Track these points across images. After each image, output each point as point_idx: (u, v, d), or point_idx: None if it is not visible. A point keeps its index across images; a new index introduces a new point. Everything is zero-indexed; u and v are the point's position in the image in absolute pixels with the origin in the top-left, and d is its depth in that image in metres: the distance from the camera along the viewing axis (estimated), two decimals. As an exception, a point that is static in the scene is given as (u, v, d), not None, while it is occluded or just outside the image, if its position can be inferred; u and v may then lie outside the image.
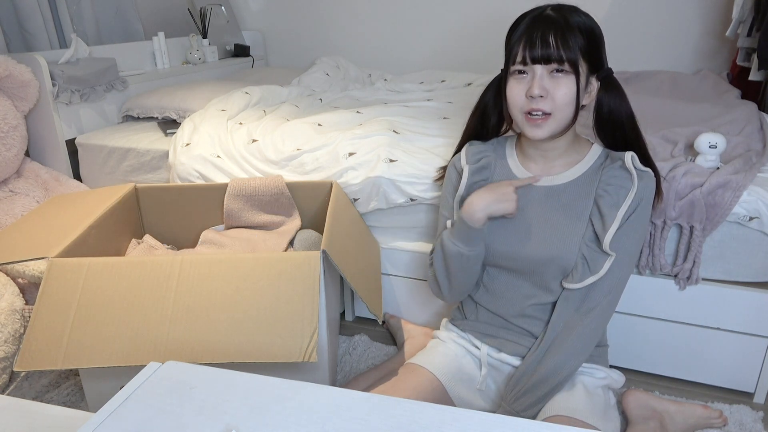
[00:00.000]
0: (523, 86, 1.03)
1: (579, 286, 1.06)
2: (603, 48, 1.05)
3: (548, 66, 1.00)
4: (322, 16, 2.97)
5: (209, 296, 1.10)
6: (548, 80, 1.01)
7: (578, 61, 1.00)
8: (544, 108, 1.01)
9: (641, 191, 1.04)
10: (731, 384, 1.34)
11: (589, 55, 1.02)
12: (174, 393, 0.66)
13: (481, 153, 1.18)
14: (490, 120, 1.18)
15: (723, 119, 1.58)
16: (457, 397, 1.14)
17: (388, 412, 0.62)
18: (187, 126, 1.78)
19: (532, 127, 1.04)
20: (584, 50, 1.00)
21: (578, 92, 1.01)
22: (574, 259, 1.07)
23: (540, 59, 1.00)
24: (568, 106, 1.02)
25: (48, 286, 1.11)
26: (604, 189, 1.06)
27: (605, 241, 1.04)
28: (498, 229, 1.13)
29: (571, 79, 1.00)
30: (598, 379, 1.11)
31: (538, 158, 1.13)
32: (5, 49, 2.08)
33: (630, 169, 1.05)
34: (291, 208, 1.56)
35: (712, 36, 2.35)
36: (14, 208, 1.73)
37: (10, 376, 1.40)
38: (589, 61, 1.02)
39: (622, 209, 1.04)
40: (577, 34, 0.99)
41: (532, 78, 1.02)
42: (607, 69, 1.07)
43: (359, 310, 1.70)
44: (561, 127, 1.04)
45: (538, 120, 1.03)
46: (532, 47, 1.00)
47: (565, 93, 1.01)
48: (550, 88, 1.01)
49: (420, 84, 2.35)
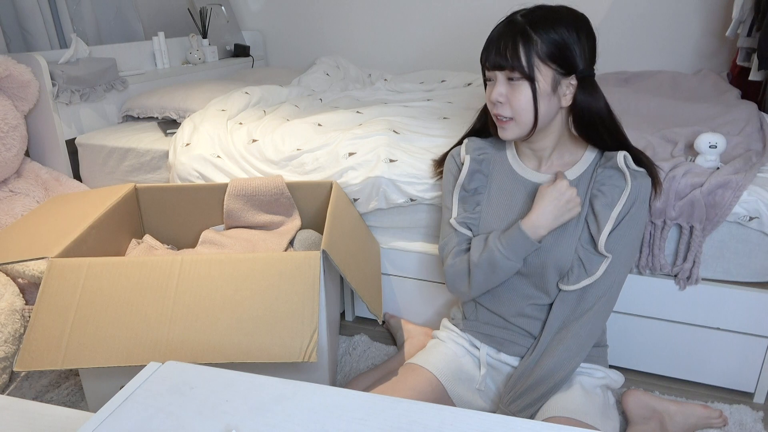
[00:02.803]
0: (489, 91, 1.07)
1: (574, 287, 1.06)
2: (578, 50, 1.01)
3: (504, 73, 1.03)
4: (322, 16, 2.97)
5: (209, 296, 1.10)
6: (507, 86, 1.04)
7: (533, 68, 1.00)
8: (504, 113, 1.05)
9: (635, 190, 1.04)
10: (731, 384, 1.34)
11: (556, 59, 1.00)
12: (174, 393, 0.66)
13: (481, 149, 1.19)
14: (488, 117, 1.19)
15: (723, 119, 1.58)
16: (456, 397, 1.15)
17: (388, 412, 0.62)
18: (187, 126, 1.78)
19: (500, 128, 1.09)
20: (547, 55, 1.00)
21: (535, 98, 1.02)
22: (570, 261, 1.07)
23: (496, 66, 1.03)
24: (527, 112, 1.04)
25: (48, 286, 1.11)
26: (599, 189, 1.06)
27: (600, 242, 1.04)
28: (500, 225, 1.14)
29: (526, 86, 1.02)
30: (597, 379, 1.11)
31: (530, 156, 1.15)
32: (5, 49, 2.08)
33: (623, 168, 1.05)
34: (291, 208, 1.56)
35: (712, 36, 2.35)
36: (14, 208, 1.73)
37: (10, 376, 1.40)
38: (559, 65, 1.01)
39: (616, 209, 1.04)
40: (534, 41, 0.99)
41: (495, 83, 1.05)
42: (585, 70, 1.03)
43: (359, 310, 1.70)
44: (526, 131, 1.06)
45: (504, 122, 1.07)
46: (489, 53, 1.04)
47: (520, 99, 1.03)
48: (508, 94, 1.04)
49: (420, 84, 2.35)
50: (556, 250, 1.07)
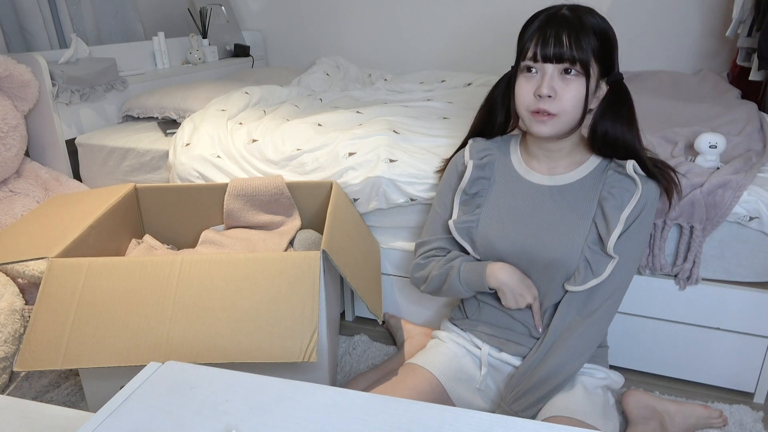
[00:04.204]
0: (532, 85, 1.02)
1: (581, 288, 1.06)
2: (616, 52, 1.03)
3: (559, 65, 0.99)
4: (322, 16, 2.97)
5: (209, 296, 1.10)
6: (558, 80, 1.00)
7: (590, 62, 0.98)
8: (550, 109, 1.00)
9: (645, 194, 1.04)
10: (731, 384, 1.34)
11: (602, 58, 1.01)
12: (174, 393, 0.66)
13: (485, 151, 1.17)
14: (497, 116, 1.17)
15: (723, 119, 1.58)
16: (456, 397, 1.14)
17: (387, 412, 0.62)
18: (187, 126, 1.78)
19: (537, 122, 1.03)
20: (597, 52, 0.99)
21: (587, 95, 1.00)
22: (576, 261, 1.06)
23: (552, 58, 0.98)
24: (576, 109, 1.01)
25: (48, 286, 1.11)
26: (609, 191, 1.06)
27: (609, 244, 1.03)
28: (500, 227, 1.13)
29: (581, 82, 0.99)
30: (598, 379, 1.11)
31: (542, 157, 1.12)
32: (5, 49, 2.08)
33: (632, 175, 1.04)
34: (291, 208, 1.56)
35: (712, 36, 2.35)
36: (14, 208, 1.73)
37: (10, 376, 1.40)
38: (601, 64, 1.01)
39: (625, 212, 1.03)
40: (591, 35, 0.98)
41: (542, 77, 1.00)
42: (618, 73, 1.05)
43: (359, 310, 1.70)
44: (566, 129, 1.04)
45: (545, 117, 1.02)
46: (545, 45, 0.98)
47: (573, 95, 1.00)
48: (558, 89, 1.00)
49: (420, 84, 2.35)
50: (563, 251, 1.07)
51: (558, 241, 1.07)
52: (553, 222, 1.09)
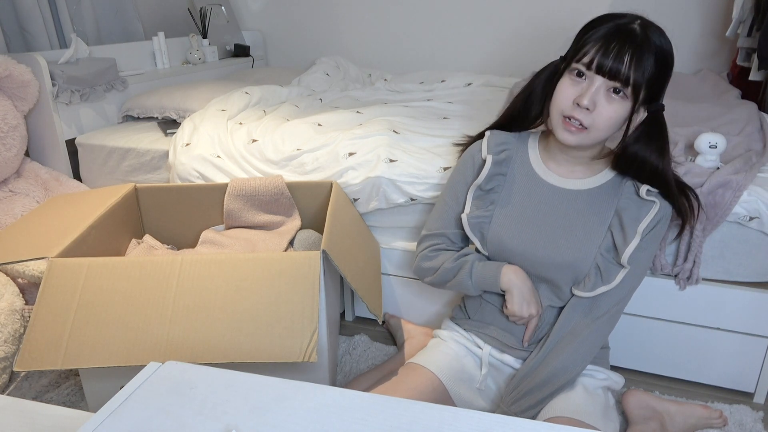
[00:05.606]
0: (576, 90, 0.98)
1: (590, 294, 1.06)
2: (668, 82, 0.99)
3: (610, 82, 0.95)
4: (322, 16, 2.97)
5: (209, 296, 1.10)
6: (602, 96, 0.96)
7: (641, 88, 0.94)
8: (584, 121, 0.97)
9: (663, 209, 1.04)
10: (731, 384, 1.34)
11: (652, 85, 0.96)
12: (174, 393, 0.66)
13: (503, 145, 1.14)
14: (532, 108, 1.11)
15: (723, 119, 1.58)
16: (457, 396, 1.14)
17: (388, 412, 0.62)
18: (187, 126, 1.78)
19: (564, 130, 1.00)
20: (651, 78, 0.95)
21: (628, 121, 0.97)
22: (588, 267, 1.06)
23: (606, 72, 0.94)
24: (608, 129, 0.98)
25: (48, 286, 1.11)
26: (627, 202, 1.05)
27: (624, 255, 1.03)
28: (513, 225, 1.12)
29: (624, 104, 0.96)
30: (599, 380, 1.11)
31: (561, 160, 1.10)
32: (5, 49, 2.08)
33: (646, 197, 1.03)
34: (291, 208, 1.56)
35: (712, 36, 2.35)
36: (14, 208, 1.73)
37: (10, 376, 1.40)
38: (650, 90, 0.97)
39: (642, 224, 1.03)
40: (652, 61, 0.94)
41: (588, 86, 0.96)
42: (660, 104, 1.00)
43: (359, 310, 1.69)
44: (590, 143, 1.01)
45: (573, 128, 0.99)
46: (605, 56, 0.93)
47: (611, 116, 0.96)
48: (599, 104, 0.96)
49: (420, 84, 2.35)
50: (576, 255, 1.06)
51: (572, 245, 1.06)
52: (567, 225, 1.08)
